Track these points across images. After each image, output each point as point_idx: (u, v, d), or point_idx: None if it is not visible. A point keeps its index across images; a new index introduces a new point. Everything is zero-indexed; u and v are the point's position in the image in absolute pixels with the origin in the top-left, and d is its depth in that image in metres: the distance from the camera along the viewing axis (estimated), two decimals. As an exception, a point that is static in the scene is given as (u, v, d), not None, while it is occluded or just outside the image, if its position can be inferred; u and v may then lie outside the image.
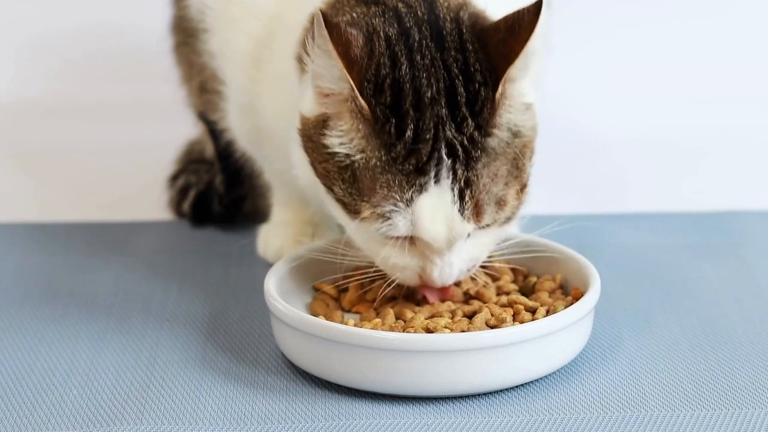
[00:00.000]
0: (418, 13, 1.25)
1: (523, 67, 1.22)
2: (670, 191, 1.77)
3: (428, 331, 1.27)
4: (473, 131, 1.22)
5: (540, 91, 1.44)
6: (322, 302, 1.36)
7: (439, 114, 1.21)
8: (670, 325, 1.38)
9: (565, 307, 1.29)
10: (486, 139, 1.22)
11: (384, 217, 1.22)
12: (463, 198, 1.22)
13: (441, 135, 1.21)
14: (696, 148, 1.89)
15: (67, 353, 1.34)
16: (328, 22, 1.19)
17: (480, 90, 1.22)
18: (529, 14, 1.20)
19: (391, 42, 1.23)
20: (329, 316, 1.32)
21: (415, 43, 1.23)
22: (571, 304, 1.29)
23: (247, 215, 1.64)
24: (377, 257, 1.27)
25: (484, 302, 1.33)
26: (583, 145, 1.90)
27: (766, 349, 1.34)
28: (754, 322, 1.40)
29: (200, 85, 1.54)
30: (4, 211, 1.71)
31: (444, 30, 1.24)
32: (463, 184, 1.22)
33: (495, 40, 1.22)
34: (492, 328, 1.28)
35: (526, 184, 1.26)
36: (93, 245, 1.60)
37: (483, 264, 1.36)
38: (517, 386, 1.26)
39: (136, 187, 1.77)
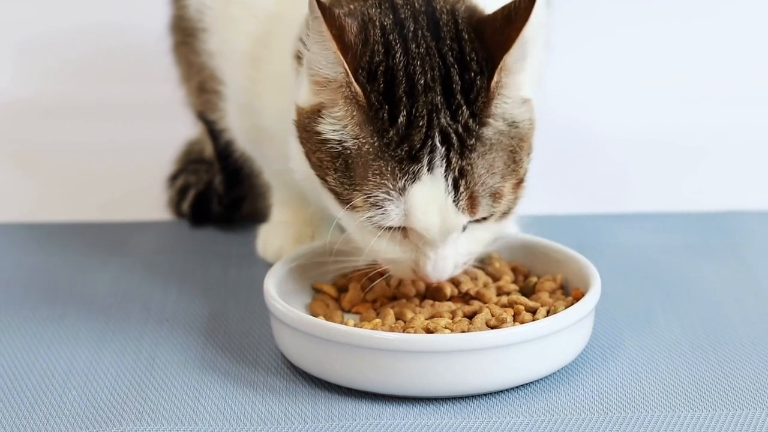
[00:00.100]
0: (415, 5, 1.25)
1: (519, 58, 1.21)
2: (670, 191, 1.77)
3: (428, 331, 1.27)
4: (468, 119, 1.21)
5: (541, 91, 1.44)
6: (322, 302, 1.36)
7: (434, 101, 1.21)
8: (671, 326, 1.38)
9: (566, 308, 1.29)
10: (481, 128, 1.22)
11: (376, 206, 1.22)
12: (457, 188, 1.21)
13: (435, 122, 1.21)
14: (696, 148, 1.89)
15: (66, 353, 1.34)
16: (321, 5, 1.19)
17: (476, 78, 1.22)
18: (525, 2, 1.20)
19: (386, 30, 1.23)
20: (329, 317, 1.32)
21: (410, 33, 1.23)
22: (572, 304, 1.29)
23: (247, 215, 1.64)
24: (370, 249, 1.26)
25: (485, 302, 1.33)
26: (584, 145, 1.90)
27: (766, 350, 1.34)
28: (755, 322, 1.40)
29: (199, 85, 1.53)
30: (3, 211, 1.70)
31: (440, 20, 1.24)
32: (457, 173, 1.21)
33: (491, 29, 1.22)
34: (492, 328, 1.28)
35: (524, 179, 1.26)
36: (92, 245, 1.60)
37: (483, 264, 1.37)
38: (517, 387, 1.26)
39: (136, 187, 1.77)
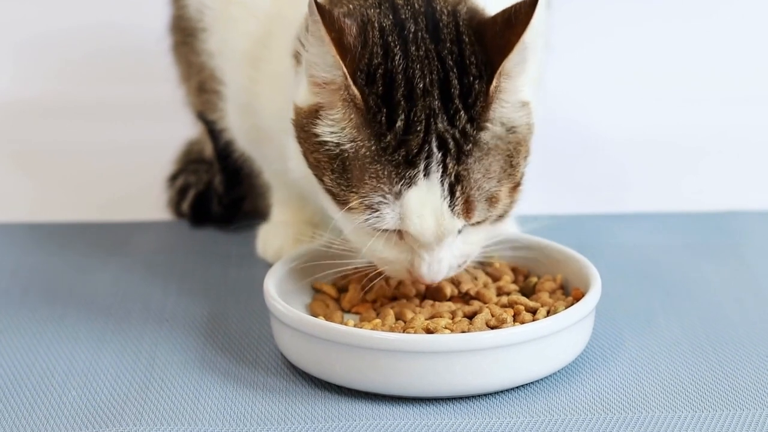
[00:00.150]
0: (415, 6, 1.25)
1: (519, 62, 1.21)
2: (670, 191, 1.77)
3: (428, 331, 1.27)
4: (465, 124, 1.21)
5: (541, 91, 1.44)
6: (322, 302, 1.36)
7: (432, 106, 1.21)
8: (671, 326, 1.38)
9: (566, 308, 1.28)
10: (479, 132, 1.21)
11: (372, 209, 1.22)
12: (453, 193, 1.21)
13: (432, 127, 1.20)
14: (696, 148, 1.89)
15: (66, 354, 1.34)
16: (321, 7, 1.19)
17: (474, 83, 1.21)
18: (526, 6, 1.20)
19: (385, 32, 1.23)
20: (329, 317, 1.32)
21: (410, 35, 1.23)
22: (572, 304, 1.29)
23: (247, 215, 1.63)
24: (366, 249, 1.26)
25: (485, 303, 1.32)
26: (583, 145, 1.90)
27: (767, 350, 1.33)
28: (755, 322, 1.39)
29: (199, 85, 1.53)
30: (3, 211, 1.70)
31: (441, 22, 1.24)
32: (453, 178, 1.21)
33: (491, 33, 1.22)
34: (492, 328, 1.28)
35: (520, 183, 1.26)
36: (92, 245, 1.60)
37: (483, 264, 1.37)
38: (517, 387, 1.26)
39: (135, 187, 1.77)
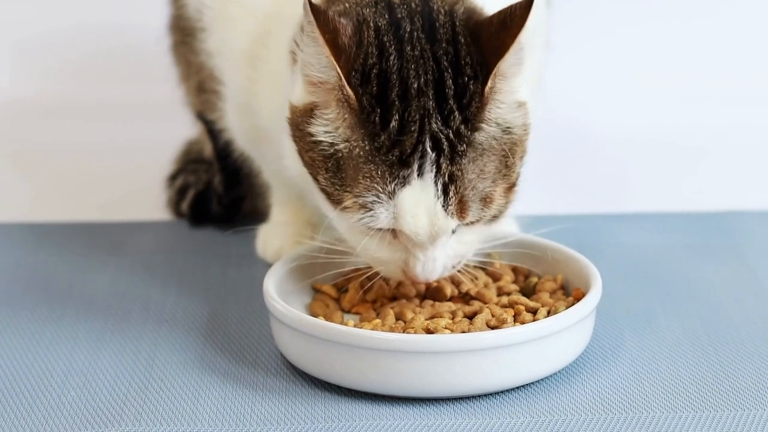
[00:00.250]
0: (412, 5, 1.24)
1: (515, 63, 1.21)
2: (670, 191, 1.77)
3: (428, 331, 1.27)
4: (460, 125, 1.21)
5: (541, 91, 1.44)
6: (322, 303, 1.36)
7: (426, 106, 1.21)
8: (672, 326, 1.38)
9: (567, 308, 1.28)
10: (473, 133, 1.21)
11: (366, 208, 1.21)
12: (447, 193, 1.21)
13: (426, 127, 1.20)
14: (696, 148, 1.89)
15: (65, 354, 1.34)
16: (315, 9, 1.19)
17: (469, 83, 1.21)
18: (521, 8, 1.19)
19: (381, 32, 1.22)
20: (329, 317, 1.32)
21: (406, 34, 1.23)
22: (573, 304, 1.29)
23: (246, 215, 1.63)
24: (360, 248, 1.26)
25: (485, 303, 1.32)
26: (584, 145, 1.90)
27: (767, 350, 1.33)
28: (756, 322, 1.39)
29: (198, 85, 1.53)
30: (3, 211, 1.70)
31: (437, 22, 1.23)
32: (447, 178, 1.21)
33: (487, 34, 1.22)
34: (493, 328, 1.28)
35: (515, 184, 1.25)
36: (91, 245, 1.60)
37: (483, 264, 1.36)
38: (518, 387, 1.26)
39: (135, 187, 1.77)
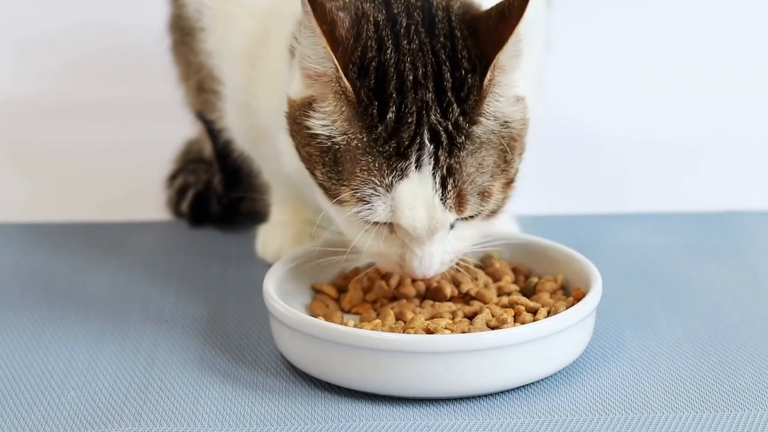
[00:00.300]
0: (410, 0, 1.25)
1: (513, 55, 1.21)
2: (670, 191, 1.77)
3: (428, 331, 1.27)
4: (458, 117, 1.21)
5: (540, 91, 1.44)
6: (322, 303, 1.35)
7: (424, 99, 1.20)
8: (672, 326, 1.38)
9: (567, 308, 1.28)
10: (471, 126, 1.21)
11: (363, 201, 1.21)
12: (445, 186, 1.21)
13: (424, 120, 1.20)
14: (696, 148, 1.89)
15: (65, 354, 1.34)
16: (313, 0, 1.18)
17: (467, 76, 1.21)
18: (519, 0, 1.19)
19: (379, 27, 1.22)
20: (329, 317, 1.31)
21: (403, 29, 1.23)
22: (573, 304, 1.29)
23: (246, 215, 1.63)
24: (357, 242, 1.26)
25: (485, 303, 1.32)
26: (583, 145, 1.89)
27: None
28: (756, 322, 1.39)
29: (198, 85, 1.53)
30: (2, 211, 1.70)
31: (436, 17, 1.24)
32: (445, 171, 1.20)
33: (485, 27, 1.22)
34: (493, 329, 1.28)
35: (514, 179, 1.25)
36: (90, 246, 1.59)
37: (483, 263, 1.36)
38: (518, 388, 1.26)
39: (134, 187, 1.77)
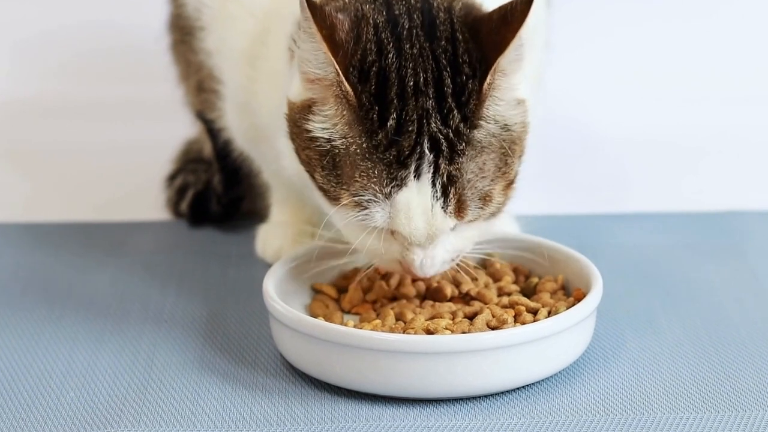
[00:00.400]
0: (411, 1, 1.24)
1: (515, 59, 1.20)
2: (671, 191, 1.77)
3: (429, 332, 1.26)
4: (459, 123, 1.20)
5: (541, 91, 1.44)
6: (322, 303, 1.35)
7: (425, 106, 1.20)
8: (673, 326, 1.38)
9: (567, 308, 1.28)
10: (472, 131, 1.21)
11: (361, 206, 1.21)
12: (446, 194, 1.20)
13: (425, 129, 1.20)
14: (696, 148, 1.89)
15: (64, 354, 1.34)
16: (311, 4, 1.18)
17: (468, 81, 1.21)
18: (522, 4, 1.19)
19: (379, 29, 1.22)
20: (329, 317, 1.31)
21: (404, 31, 1.22)
22: (573, 305, 1.28)
23: (246, 215, 1.63)
24: (358, 244, 1.25)
25: (485, 303, 1.32)
26: (584, 145, 1.89)
27: (768, 350, 1.34)
28: (757, 322, 1.39)
29: (198, 84, 1.53)
30: (1, 211, 1.70)
31: (437, 19, 1.23)
32: (446, 179, 1.20)
33: (487, 30, 1.21)
34: (493, 329, 1.27)
35: (514, 181, 1.25)
36: (90, 246, 1.59)
37: (484, 264, 1.36)
38: (518, 388, 1.26)
39: (134, 187, 1.77)
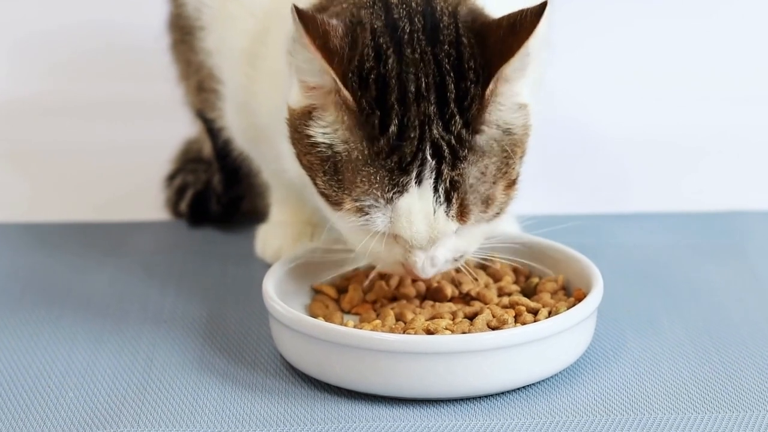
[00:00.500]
0: (412, 5, 1.23)
1: (519, 68, 1.20)
2: (671, 191, 1.77)
3: (429, 332, 1.26)
4: (461, 129, 1.20)
5: (541, 90, 1.43)
6: (322, 303, 1.35)
7: (427, 112, 1.20)
8: (674, 326, 1.37)
9: (568, 308, 1.28)
10: (474, 136, 1.20)
11: (363, 212, 1.21)
12: (449, 199, 1.20)
13: (427, 135, 1.19)
14: (696, 148, 1.89)
15: (63, 355, 1.34)
16: (302, 15, 1.17)
17: (470, 87, 1.20)
18: (532, 15, 1.18)
19: (377, 33, 1.21)
20: (328, 318, 1.31)
21: (405, 35, 1.21)
22: (574, 305, 1.28)
23: (245, 215, 1.63)
24: (360, 248, 1.25)
25: (486, 303, 1.32)
26: (584, 145, 1.89)
27: (769, 350, 1.33)
28: (758, 322, 1.39)
29: (198, 84, 1.53)
30: (1, 211, 1.70)
31: (441, 23, 1.22)
32: (448, 184, 1.20)
33: (494, 37, 1.20)
34: (493, 329, 1.27)
35: (515, 181, 1.25)
36: (89, 246, 1.59)
37: (483, 263, 1.36)
38: (518, 388, 1.25)
39: (133, 187, 1.77)
